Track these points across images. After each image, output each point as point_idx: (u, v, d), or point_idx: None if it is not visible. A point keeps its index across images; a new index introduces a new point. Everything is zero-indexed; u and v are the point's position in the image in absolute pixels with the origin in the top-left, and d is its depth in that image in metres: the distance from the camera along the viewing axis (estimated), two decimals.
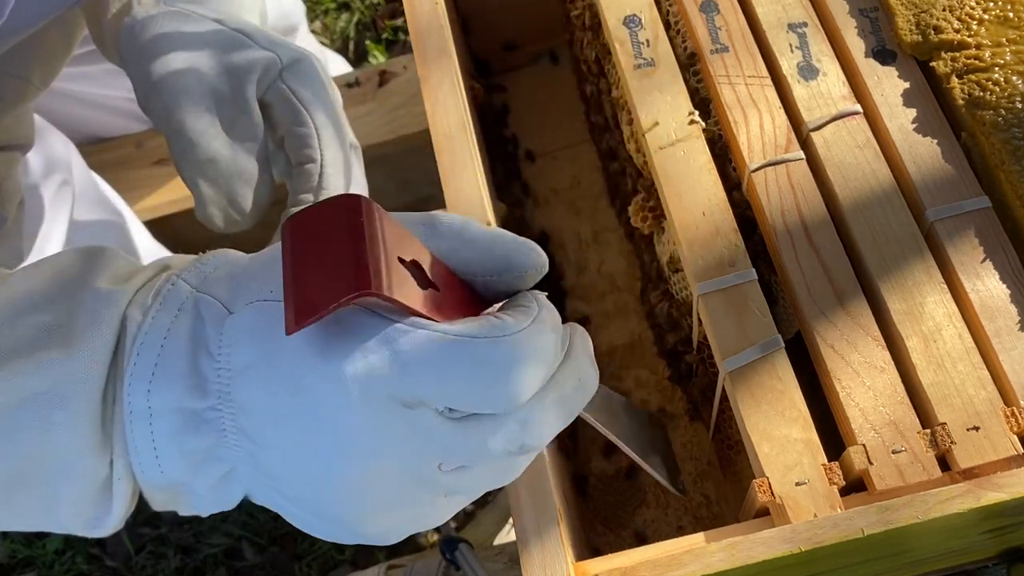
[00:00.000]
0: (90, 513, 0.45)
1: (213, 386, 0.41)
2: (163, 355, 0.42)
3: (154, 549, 1.47)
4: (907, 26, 0.69)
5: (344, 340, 0.38)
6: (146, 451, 0.42)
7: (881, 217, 0.63)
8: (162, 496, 0.45)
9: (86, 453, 0.43)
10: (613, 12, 0.74)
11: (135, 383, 0.42)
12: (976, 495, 0.52)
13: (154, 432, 0.42)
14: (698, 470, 0.86)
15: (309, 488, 0.42)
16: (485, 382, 0.38)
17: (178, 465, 0.43)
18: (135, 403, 0.42)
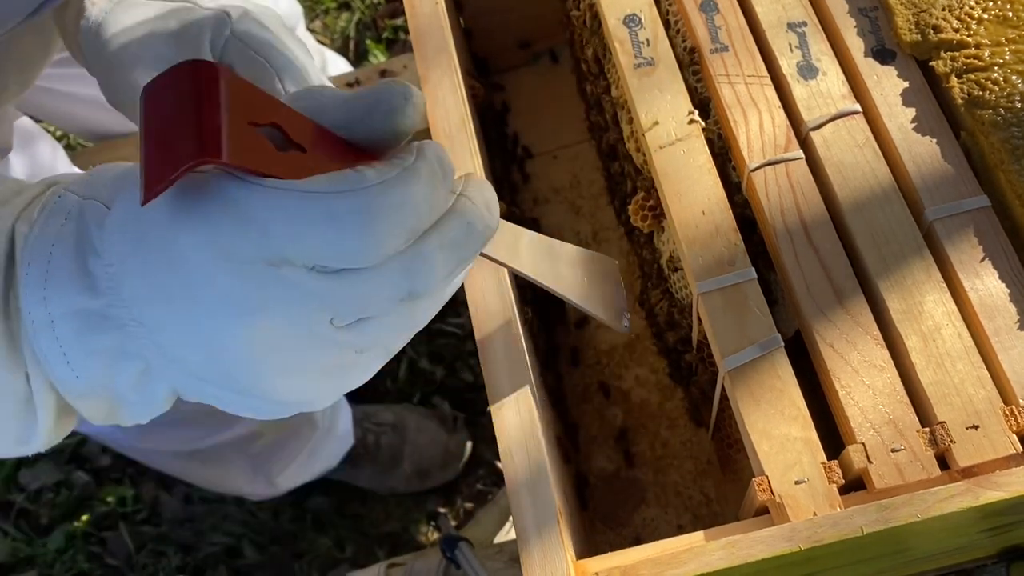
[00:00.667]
0: (17, 431, 0.45)
1: (103, 283, 0.41)
2: (53, 262, 0.42)
3: (155, 547, 1.47)
4: (906, 25, 0.69)
5: (203, 206, 0.38)
6: (56, 359, 0.42)
7: (880, 216, 0.63)
8: (92, 406, 0.45)
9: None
10: (613, 12, 0.74)
11: (30, 292, 0.42)
12: (975, 494, 0.52)
13: (59, 338, 0.42)
14: (698, 469, 0.86)
15: (211, 362, 0.41)
16: (340, 236, 0.38)
17: (91, 368, 0.43)
18: (35, 312, 0.42)
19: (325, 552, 1.44)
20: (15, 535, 1.49)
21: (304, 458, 1.34)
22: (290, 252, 0.38)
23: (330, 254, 0.39)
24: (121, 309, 0.41)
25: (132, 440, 1.21)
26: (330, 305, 0.40)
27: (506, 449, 0.57)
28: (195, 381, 0.43)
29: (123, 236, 0.41)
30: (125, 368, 0.43)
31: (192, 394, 0.44)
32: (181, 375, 0.43)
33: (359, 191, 0.38)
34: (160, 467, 1.35)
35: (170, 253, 0.39)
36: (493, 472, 1.47)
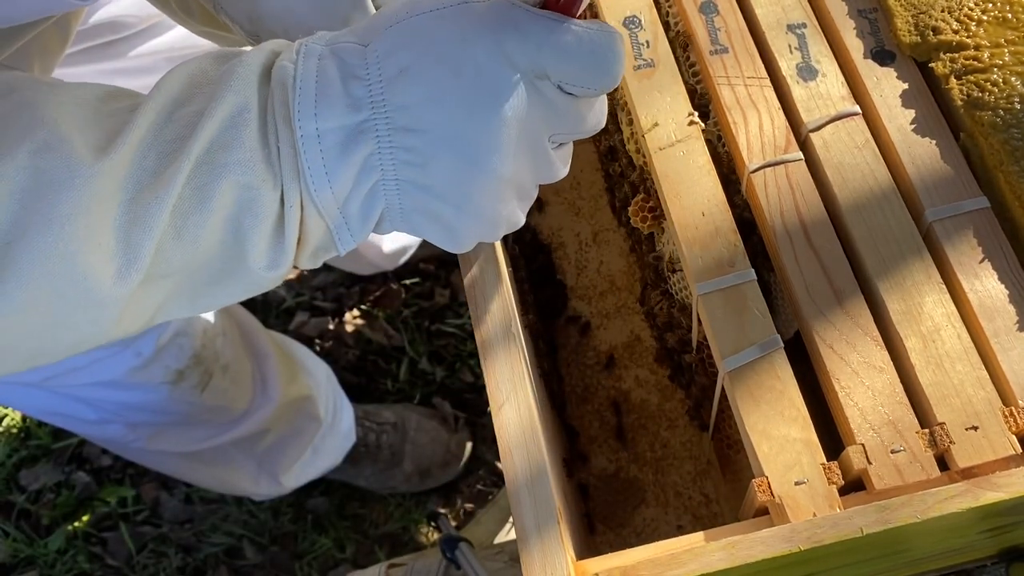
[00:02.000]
0: (271, 253, 0.52)
1: (366, 101, 0.51)
2: (320, 88, 0.51)
3: (155, 548, 1.47)
4: (906, 27, 0.69)
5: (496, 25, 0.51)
6: (317, 169, 0.51)
7: (880, 217, 0.63)
8: (318, 234, 0.53)
9: (259, 186, 0.50)
10: (613, 13, 0.74)
11: (303, 109, 0.50)
12: (975, 494, 0.52)
13: (323, 150, 0.51)
14: (698, 470, 0.86)
15: (459, 158, 0.51)
16: (595, 66, 0.52)
17: (342, 177, 0.51)
18: (305, 128, 0.50)
19: (325, 552, 1.44)
20: (15, 535, 1.49)
21: (308, 456, 1.34)
22: (552, 69, 0.51)
23: (581, 78, 0.52)
24: (379, 121, 0.51)
25: (140, 442, 1.21)
26: (561, 120, 0.54)
27: (506, 449, 0.57)
28: (421, 193, 0.53)
29: (406, 52, 0.51)
30: (366, 180, 0.52)
31: (408, 211, 0.54)
32: (413, 190, 0.53)
33: (613, 36, 0.52)
34: (166, 470, 1.36)
35: (461, 56, 0.50)
36: (493, 472, 1.47)
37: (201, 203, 0.50)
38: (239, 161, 0.50)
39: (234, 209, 0.51)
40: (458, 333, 1.54)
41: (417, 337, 1.54)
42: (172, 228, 0.50)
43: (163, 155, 0.50)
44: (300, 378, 1.27)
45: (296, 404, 1.27)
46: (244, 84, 0.51)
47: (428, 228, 0.55)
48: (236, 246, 0.52)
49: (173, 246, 0.50)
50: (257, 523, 1.46)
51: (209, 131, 0.50)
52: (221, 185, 0.50)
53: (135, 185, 0.49)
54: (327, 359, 1.40)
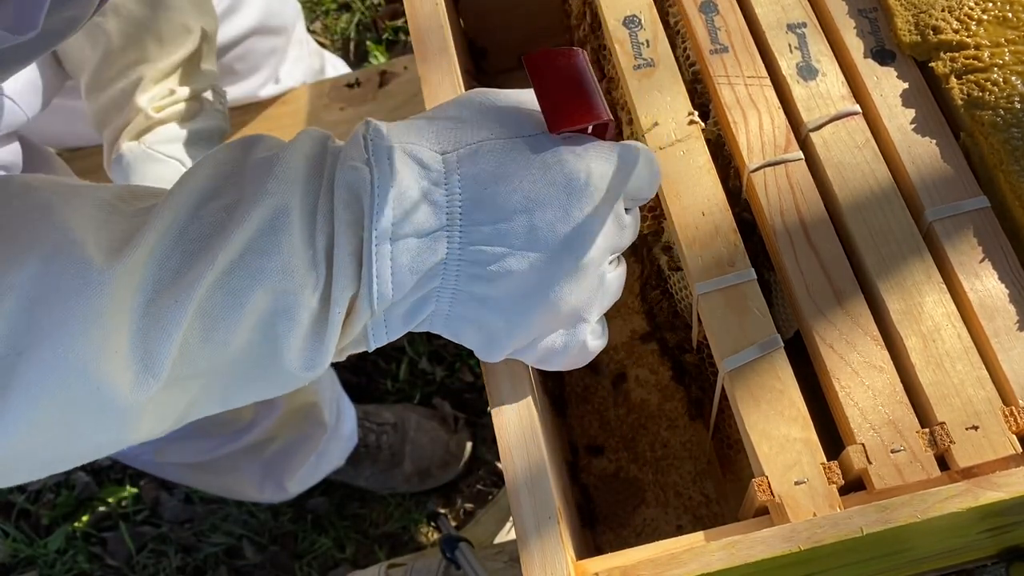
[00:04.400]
0: (308, 355, 0.50)
1: (442, 211, 0.50)
2: (397, 194, 0.49)
3: (155, 548, 1.47)
4: (906, 26, 0.69)
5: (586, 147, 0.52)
6: (384, 280, 0.49)
7: (880, 217, 0.63)
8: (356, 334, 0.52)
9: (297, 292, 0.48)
10: (613, 12, 0.74)
11: (379, 220, 0.49)
12: (975, 494, 0.52)
13: (394, 262, 0.49)
14: (698, 469, 0.86)
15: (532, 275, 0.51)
16: (654, 178, 0.55)
17: (405, 286, 0.50)
18: (380, 238, 0.49)
19: (325, 552, 1.44)
20: (15, 535, 1.49)
21: (313, 461, 1.34)
22: (634, 189, 0.54)
23: (645, 190, 0.55)
24: (456, 232, 0.50)
25: (147, 456, 1.21)
26: (624, 240, 0.55)
27: (506, 449, 0.57)
28: (477, 304, 0.52)
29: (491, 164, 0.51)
30: (422, 286, 0.51)
31: (454, 318, 0.53)
32: (469, 299, 0.52)
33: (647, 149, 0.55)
34: (172, 478, 1.36)
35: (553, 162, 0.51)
36: (493, 472, 1.47)
37: (233, 309, 0.48)
38: (277, 268, 0.48)
39: (268, 313, 0.48)
40: None
41: (417, 337, 1.54)
42: (200, 331, 0.47)
43: (187, 254, 0.48)
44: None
45: (301, 411, 1.27)
46: (284, 184, 0.49)
47: (469, 335, 0.55)
48: (270, 349, 0.49)
49: (200, 349, 0.48)
50: (257, 523, 1.46)
51: (243, 234, 0.47)
52: (255, 291, 0.48)
53: (153, 287, 0.47)
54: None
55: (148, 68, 0.91)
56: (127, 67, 0.91)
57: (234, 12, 1.14)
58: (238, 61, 1.19)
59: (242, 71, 1.20)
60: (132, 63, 0.91)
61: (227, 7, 1.13)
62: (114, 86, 0.92)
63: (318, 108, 1.30)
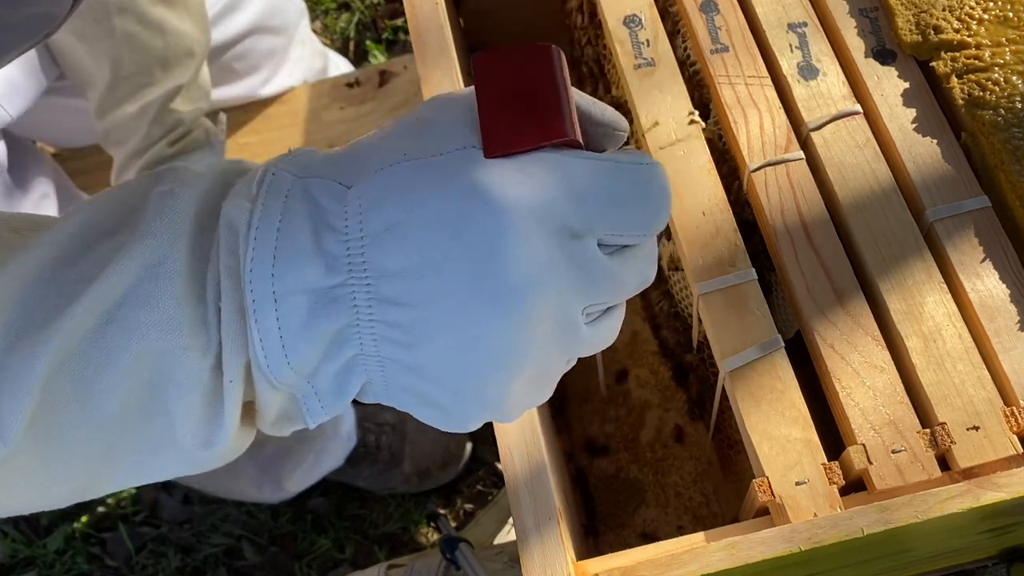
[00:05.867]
0: (203, 430, 0.43)
1: (342, 261, 0.40)
2: (281, 239, 0.40)
3: (154, 548, 1.47)
4: (907, 26, 0.69)
5: (511, 174, 0.39)
6: (272, 342, 0.40)
7: (881, 217, 0.63)
8: (274, 404, 0.43)
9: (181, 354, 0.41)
10: (613, 12, 0.74)
11: (257, 269, 0.40)
12: (975, 495, 0.52)
13: (280, 319, 0.40)
14: (698, 470, 0.86)
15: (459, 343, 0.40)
16: (650, 204, 0.41)
17: (305, 353, 0.41)
18: (258, 290, 0.40)
19: (325, 553, 1.44)
20: (14, 536, 1.49)
21: (311, 460, 1.34)
22: (599, 221, 0.40)
23: (636, 222, 0.41)
24: (358, 288, 0.40)
25: None
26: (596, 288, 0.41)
27: (506, 449, 0.57)
28: (410, 374, 0.42)
29: (395, 206, 0.40)
30: (338, 355, 0.42)
31: (393, 389, 0.43)
32: (398, 370, 0.42)
33: (655, 165, 0.41)
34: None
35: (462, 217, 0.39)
36: (493, 472, 1.47)
37: (106, 368, 0.40)
38: (156, 324, 0.40)
39: (152, 377, 0.41)
40: None
41: None
42: (71, 392, 0.41)
43: (63, 298, 0.40)
44: None
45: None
46: (172, 224, 0.41)
47: (420, 410, 0.44)
48: (158, 420, 0.42)
49: (74, 413, 0.41)
50: (256, 523, 1.46)
51: (122, 281, 0.40)
52: (131, 350, 0.40)
53: (10, 337, 0.40)
54: None
55: (155, 91, 0.94)
56: (135, 90, 0.94)
57: (234, 10, 1.14)
58: (237, 60, 1.19)
59: (241, 70, 1.20)
60: (140, 86, 0.94)
61: (227, 5, 1.13)
62: (123, 108, 0.95)
63: (318, 108, 1.30)
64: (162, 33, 0.92)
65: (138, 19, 0.90)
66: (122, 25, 0.89)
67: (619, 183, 0.41)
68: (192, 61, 0.96)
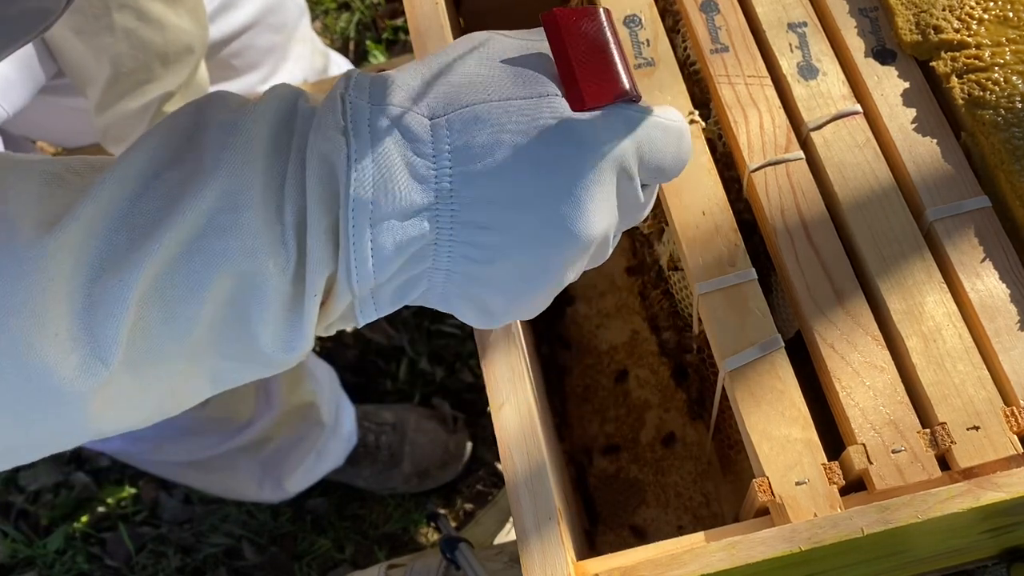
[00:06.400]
0: (285, 337, 0.46)
1: (431, 186, 0.44)
2: (377, 170, 0.44)
3: (154, 548, 1.47)
4: (907, 26, 0.69)
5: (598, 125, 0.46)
6: (363, 262, 0.44)
7: (881, 217, 0.63)
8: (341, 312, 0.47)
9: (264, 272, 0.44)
10: (613, 12, 0.74)
11: (358, 199, 0.43)
12: (976, 495, 0.52)
13: (374, 242, 0.44)
14: (698, 470, 0.86)
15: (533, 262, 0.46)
16: (682, 153, 0.49)
17: (389, 267, 0.45)
18: (358, 217, 0.44)
19: (325, 553, 1.44)
20: (15, 536, 1.49)
21: (312, 460, 1.34)
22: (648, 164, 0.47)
23: (671, 168, 0.49)
24: (444, 212, 0.45)
25: (145, 454, 1.21)
26: (633, 218, 0.50)
27: (506, 449, 0.57)
28: (473, 284, 0.47)
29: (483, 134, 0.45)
30: (411, 269, 0.46)
31: (450, 296, 0.48)
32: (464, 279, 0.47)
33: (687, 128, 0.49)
34: (170, 476, 1.36)
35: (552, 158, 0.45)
36: (493, 472, 1.47)
37: (192, 292, 0.43)
38: (239, 249, 0.43)
39: (235, 296, 0.44)
40: (458, 333, 1.54)
41: (417, 337, 1.54)
42: (159, 315, 0.43)
43: (136, 230, 0.43)
44: (303, 384, 1.27)
45: (300, 410, 1.27)
46: (245, 155, 0.44)
47: (467, 310, 0.50)
48: (243, 332, 0.45)
49: (162, 333, 0.44)
50: (256, 524, 1.46)
51: (198, 211, 0.43)
52: (216, 274, 0.43)
53: (97, 266, 0.42)
54: (327, 359, 1.40)
55: (156, 87, 0.94)
56: (135, 86, 0.94)
57: (232, 6, 1.14)
58: (235, 57, 1.18)
59: (240, 67, 1.20)
60: (140, 82, 0.94)
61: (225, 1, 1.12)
62: (123, 104, 0.95)
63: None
64: (161, 29, 0.92)
65: (137, 15, 0.90)
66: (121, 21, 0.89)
67: (667, 139, 0.47)
68: (191, 57, 0.96)
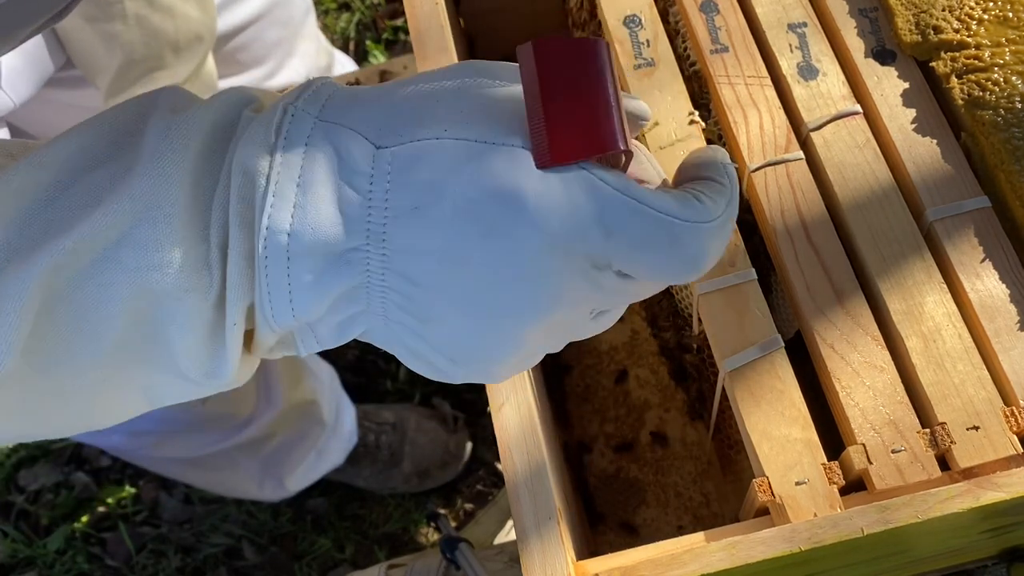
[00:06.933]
0: (206, 364, 0.42)
1: (360, 225, 0.39)
2: (301, 195, 0.39)
3: (155, 548, 1.47)
4: (907, 26, 0.69)
5: (556, 193, 0.38)
6: (280, 295, 0.40)
7: (881, 217, 0.63)
8: (272, 343, 0.43)
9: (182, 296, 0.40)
10: (613, 12, 0.74)
11: (273, 225, 0.39)
12: (975, 495, 0.52)
13: (291, 276, 0.39)
14: (698, 470, 0.86)
15: (466, 332, 0.40)
16: (678, 262, 0.39)
17: (311, 307, 0.40)
18: (272, 245, 0.39)
19: (325, 553, 1.44)
20: (15, 536, 1.49)
21: (312, 459, 1.34)
22: (622, 261, 0.39)
23: (660, 273, 0.40)
24: (373, 256, 0.39)
25: (145, 450, 1.21)
26: (610, 302, 0.42)
27: (506, 449, 0.57)
28: (411, 337, 0.42)
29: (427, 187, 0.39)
30: (343, 310, 0.42)
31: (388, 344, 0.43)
32: (402, 331, 0.42)
33: (705, 226, 0.39)
34: (170, 474, 1.36)
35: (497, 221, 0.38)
36: (493, 472, 1.47)
37: (102, 303, 0.40)
38: (155, 265, 0.39)
39: (150, 313, 0.40)
40: None
41: None
42: (69, 321, 0.40)
43: (51, 224, 0.39)
44: (304, 382, 1.27)
45: (300, 408, 1.27)
46: (174, 163, 0.40)
47: (412, 363, 0.44)
48: (161, 351, 0.42)
49: (73, 340, 0.41)
50: (256, 523, 1.46)
51: (117, 219, 0.39)
52: (127, 289, 0.39)
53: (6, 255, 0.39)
54: (327, 359, 1.40)
55: (166, 75, 0.94)
56: (145, 73, 0.94)
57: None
58: (241, 51, 1.18)
59: (245, 61, 1.19)
60: (151, 70, 0.94)
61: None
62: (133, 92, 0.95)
63: None
64: (172, 17, 0.92)
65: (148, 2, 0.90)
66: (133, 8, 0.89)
67: (648, 232, 0.39)
68: (201, 46, 0.96)
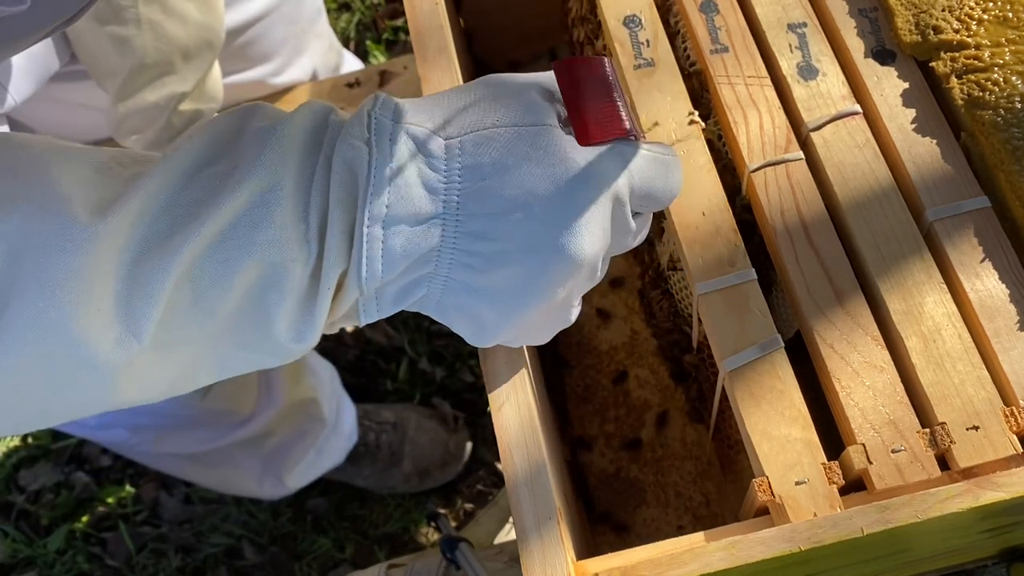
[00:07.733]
0: (298, 327, 0.50)
1: (440, 197, 0.50)
2: (394, 178, 0.49)
3: (155, 548, 1.47)
4: (906, 26, 0.69)
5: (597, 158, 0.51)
6: (374, 262, 0.50)
7: (880, 217, 0.63)
8: (347, 309, 0.52)
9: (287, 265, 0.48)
10: (613, 12, 0.74)
11: (374, 203, 0.49)
12: (975, 494, 0.52)
13: (385, 244, 0.49)
14: (698, 470, 0.86)
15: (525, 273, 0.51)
16: (672, 184, 0.54)
17: (396, 270, 0.50)
18: (373, 220, 0.49)
19: (325, 553, 1.44)
20: (15, 536, 1.49)
21: (312, 457, 1.34)
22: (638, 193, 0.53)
23: (661, 196, 0.54)
24: (450, 221, 0.50)
25: (146, 445, 1.21)
26: (624, 243, 0.55)
27: (506, 449, 0.57)
28: (469, 294, 0.52)
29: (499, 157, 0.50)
30: (414, 271, 0.51)
31: (446, 305, 0.53)
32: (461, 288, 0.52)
33: (676, 156, 0.55)
34: (169, 471, 1.36)
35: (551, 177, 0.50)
36: (493, 472, 1.47)
37: (222, 278, 0.48)
38: (268, 241, 0.48)
39: (259, 285, 0.49)
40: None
41: (417, 337, 1.54)
42: (189, 298, 0.48)
43: (177, 219, 0.48)
44: (305, 380, 1.27)
45: (301, 406, 1.27)
46: (280, 157, 0.49)
47: (460, 322, 0.55)
48: (260, 320, 0.50)
49: (189, 315, 0.48)
50: (257, 523, 1.46)
51: (235, 205, 0.48)
52: (246, 262, 0.48)
53: (139, 249, 0.47)
54: (327, 359, 1.40)
55: (175, 80, 0.95)
56: (155, 78, 0.95)
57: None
58: (249, 46, 1.17)
59: (253, 57, 1.19)
60: (160, 74, 0.95)
61: None
62: (142, 96, 0.95)
63: None
64: (184, 23, 0.92)
65: (163, 8, 0.91)
66: (148, 13, 0.89)
67: (657, 170, 0.53)
68: (210, 54, 0.96)
